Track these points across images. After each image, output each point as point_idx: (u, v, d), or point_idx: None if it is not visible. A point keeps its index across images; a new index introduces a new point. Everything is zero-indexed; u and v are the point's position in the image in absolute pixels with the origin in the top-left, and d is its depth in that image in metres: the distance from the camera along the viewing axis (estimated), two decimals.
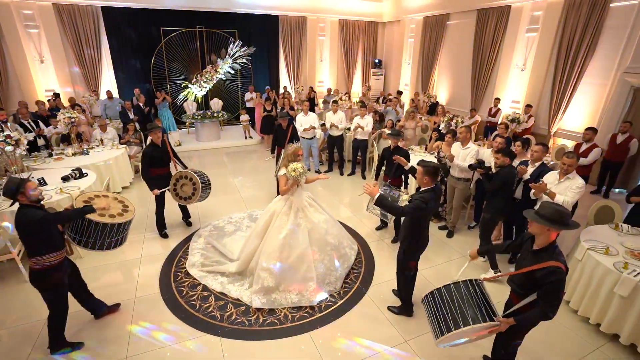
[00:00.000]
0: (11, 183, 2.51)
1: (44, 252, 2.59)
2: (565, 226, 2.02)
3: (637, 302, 2.80)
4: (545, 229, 2.04)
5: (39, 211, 2.58)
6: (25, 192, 2.51)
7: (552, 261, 2.00)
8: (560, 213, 2.03)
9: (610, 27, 6.28)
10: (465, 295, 2.16)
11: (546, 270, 1.99)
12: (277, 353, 2.94)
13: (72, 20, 9.09)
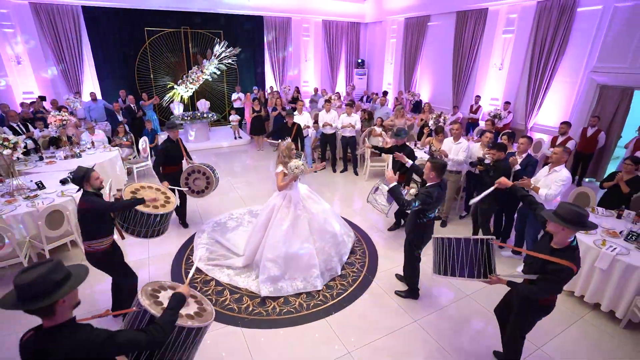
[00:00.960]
0: (79, 171, 2.73)
1: (98, 237, 2.81)
2: (582, 227, 2.06)
3: (614, 273, 3.19)
4: (560, 228, 2.10)
5: (100, 199, 2.81)
6: (90, 180, 2.71)
7: (567, 261, 2.08)
8: (576, 214, 2.05)
9: (578, 30, 6.84)
10: (472, 251, 2.40)
11: (559, 266, 2.09)
12: (297, 339, 3.12)
13: (50, 20, 8.81)
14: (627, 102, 6.39)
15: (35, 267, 1.41)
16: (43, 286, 1.37)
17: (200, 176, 4.54)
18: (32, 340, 1.43)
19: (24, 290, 1.36)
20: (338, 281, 3.87)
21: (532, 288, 2.22)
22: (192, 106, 10.85)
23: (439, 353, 2.99)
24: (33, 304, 1.36)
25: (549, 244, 2.22)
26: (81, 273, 1.53)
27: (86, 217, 2.77)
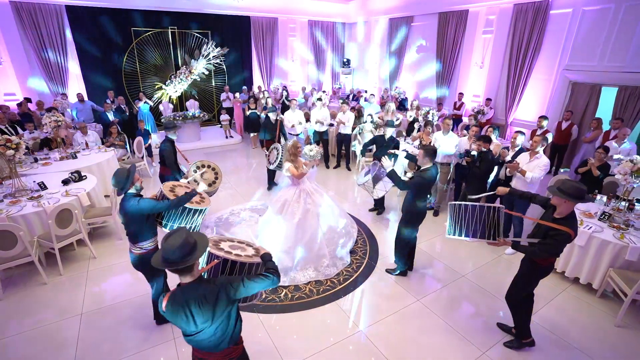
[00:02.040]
0: (122, 173, 2.69)
1: (146, 238, 2.82)
2: (581, 200, 2.45)
3: (591, 249, 3.59)
4: (563, 201, 2.47)
5: (149, 199, 2.78)
6: (133, 181, 2.72)
7: (566, 228, 2.45)
8: (577, 189, 2.42)
9: (551, 31, 7.36)
10: (485, 216, 2.77)
11: (559, 232, 2.47)
12: (311, 321, 3.34)
13: (32, 19, 8.61)
14: (596, 98, 6.96)
15: (173, 234, 1.70)
16: (186, 249, 1.67)
17: (208, 170, 4.67)
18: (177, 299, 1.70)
19: (174, 253, 1.65)
20: (343, 268, 4.12)
21: (534, 249, 2.59)
22: (181, 106, 10.83)
23: (442, 326, 3.29)
24: (185, 262, 1.65)
25: (552, 215, 2.58)
26: (204, 239, 1.81)
27: (137, 218, 2.71)
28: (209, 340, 1.78)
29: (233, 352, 1.90)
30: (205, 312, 1.70)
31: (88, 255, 4.40)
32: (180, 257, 1.65)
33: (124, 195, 2.75)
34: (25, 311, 3.46)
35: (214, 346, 1.82)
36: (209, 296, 1.70)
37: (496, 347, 3.06)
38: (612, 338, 3.19)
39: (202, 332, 1.74)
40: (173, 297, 1.70)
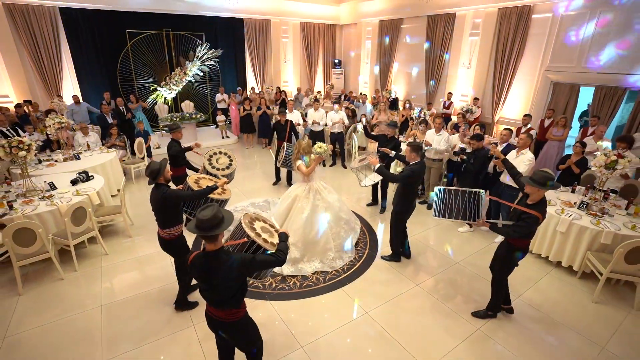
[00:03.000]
0: (155, 165, 2.95)
1: (175, 223, 3.10)
2: (550, 187, 2.82)
3: (571, 235, 3.96)
4: (535, 190, 2.83)
5: (177, 190, 3.08)
6: (164, 173, 2.97)
7: (536, 212, 2.82)
8: (545, 178, 2.80)
9: (534, 34, 7.80)
10: (467, 199, 3.12)
11: (530, 215, 2.83)
12: (321, 306, 3.61)
13: (26, 21, 8.59)
14: (575, 97, 7.42)
15: (207, 207, 2.07)
16: (215, 220, 2.03)
17: (221, 156, 4.86)
18: (201, 259, 2.08)
19: (205, 222, 2.00)
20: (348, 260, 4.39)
21: (508, 230, 2.95)
22: (176, 108, 10.92)
23: (439, 307, 3.61)
24: (209, 232, 2.00)
25: (525, 201, 2.95)
26: (230, 215, 2.12)
27: (166, 206, 3.01)
28: (215, 298, 2.13)
29: (234, 314, 2.20)
30: (216, 275, 2.04)
31: (100, 252, 4.56)
32: (209, 227, 2.01)
33: (154, 185, 3.02)
34: (47, 305, 3.61)
35: (217, 304, 2.16)
36: (224, 264, 2.04)
37: (488, 324, 3.38)
38: (591, 312, 3.56)
39: (211, 290, 2.10)
40: (197, 257, 2.10)
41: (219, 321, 2.20)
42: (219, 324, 2.22)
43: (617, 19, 6.49)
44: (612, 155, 3.91)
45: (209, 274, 2.05)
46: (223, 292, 2.09)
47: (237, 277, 2.09)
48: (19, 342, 3.14)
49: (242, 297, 2.23)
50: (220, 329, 2.25)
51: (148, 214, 5.59)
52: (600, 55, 6.79)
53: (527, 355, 3.03)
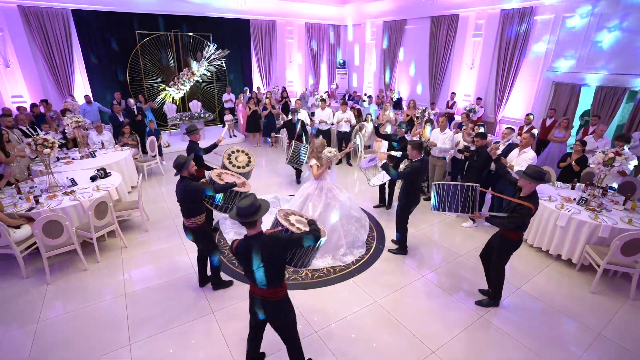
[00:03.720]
0: (181, 159, 3.21)
1: (198, 213, 3.36)
2: (541, 181, 3.03)
3: (570, 229, 4.14)
4: (527, 182, 3.04)
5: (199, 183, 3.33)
6: (188, 167, 3.23)
7: (529, 203, 3.02)
8: (537, 172, 3.02)
9: (536, 35, 7.97)
10: (464, 194, 3.34)
11: (523, 206, 3.03)
12: (332, 295, 3.81)
13: (40, 23, 8.83)
14: (576, 97, 7.59)
15: (247, 197, 2.32)
16: (254, 208, 2.27)
17: (240, 154, 5.06)
18: (244, 243, 2.31)
19: (245, 210, 2.24)
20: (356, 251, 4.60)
21: (503, 221, 3.14)
22: (184, 107, 11.15)
23: (444, 296, 3.80)
24: (249, 218, 2.24)
25: (519, 195, 3.15)
26: (267, 204, 2.34)
27: (191, 197, 3.30)
28: (259, 277, 2.34)
29: (277, 293, 2.42)
30: (260, 256, 2.27)
31: (119, 245, 4.78)
32: (248, 214, 2.24)
33: (179, 178, 3.30)
34: (73, 293, 3.83)
35: (261, 283, 2.36)
36: (265, 245, 2.27)
37: (490, 312, 3.57)
38: (588, 302, 3.75)
39: (255, 271, 2.32)
40: (240, 242, 2.34)
41: (263, 300, 2.41)
42: (262, 303, 2.43)
43: (618, 21, 6.65)
44: (609, 153, 4.09)
45: (251, 256, 2.28)
46: (267, 271, 2.31)
47: (278, 256, 2.32)
48: (53, 325, 3.36)
49: (283, 277, 2.45)
50: (262, 308, 2.45)
51: (162, 209, 5.85)
52: (601, 55, 6.96)
53: (526, 339, 3.22)
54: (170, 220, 5.52)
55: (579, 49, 7.27)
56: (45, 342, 3.16)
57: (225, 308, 3.61)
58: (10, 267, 4.23)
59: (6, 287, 3.92)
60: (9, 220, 3.91)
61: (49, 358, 3.00)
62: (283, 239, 2.34)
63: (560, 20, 7.46)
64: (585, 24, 7.09)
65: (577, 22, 7.21)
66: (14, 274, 4.12)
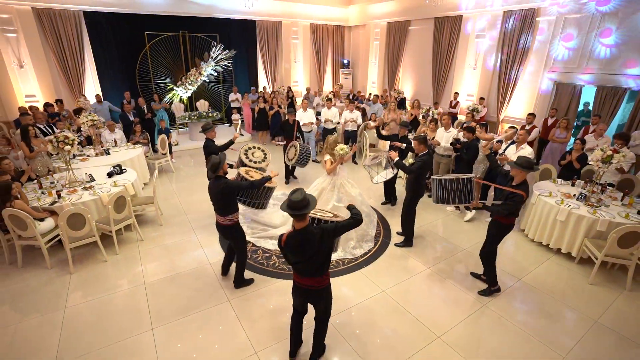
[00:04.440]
0: (215, 160, 3.32)
1: (233, 210, 3.51)
2: (531, 169, 3.33)
3: (570, 223, 4.31)
4: (518, 172, 3.34)
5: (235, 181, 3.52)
6: (223, 167, 3.38)
7: (521, 191, 3.30)
8: (528, 162, 3.35)
9: (538, 36, 8.12)
10: (460, 186, 3.57)
11: (516, 194, 3.31)
12: (342, 285, 3.99)
13: (52, 24, 9.06)
14: (578, 97, 7.74)
15: (297, 191, 2.45)
16: (305, 202, 2.40)
17: (256, 150, 5.32)
18: (294, 236, 2.45)
19: (297, 203, 2.37)
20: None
21: (498, 208, 3.40)
22: (191, 107, 11.37)
23: (449, 286, 3.99)
24: (302, 211, 2.38)
25: (511, 184, 3.41)
26: (314, 199, 2.48)
27: (229, 194, 3.44)
28: (308, 268, 2.53)
29: (323, 281, 2.64)
30: (309, 247, 2.44)
31: (135, 238, 4.98)
32: (300, 207, 2.38)
33: (214, 177, 3.41)
34: (95, 282, 4.04)
35: (310, 274, 2.56)
36: (313, 237, 2.43)
37: (493, 301, 3.75)
38: (587, 293, 3.92)
39: (305, 262, 2.50)
40: (290, 236, 2.46)
41: (310, 289, 2.62)
42: (308, 292, 2.65)
43: (618, 22, 6.80)
44: (608, 151, 4.25)
45: (302, 248, 2.43)
46: (315, 261, 2.49)
47: (326, 246, 2.49)
48: (79, 311, 3.56)
49: (329, 266, 2.65)
50: (309, 297, 2.68)
51: (174, 205, 6.06)
52: (602, 56, 7.10)
53: (527, 326, 3.40)
54: (182, 215, 5.72)
55: (580, 49, 7.42)
56: (74, 327, 3.37)
57: (241, 296, 3.81)
58: (34, 258, 4.45)
59: (32, 276, 4.13)
60: (34, 213, 4.12)
61: (78, 341, 3.20)
62: (330, 228, 2.49)
63: (562, 22, 7.61)
64: (587, 25, 7.23)
65: (579, 22, 7.36)
66: (38, 264, 4.33)
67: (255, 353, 3.08)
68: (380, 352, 3.11)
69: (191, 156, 9.09)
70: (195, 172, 7.94)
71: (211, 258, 4.52)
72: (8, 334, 3.29)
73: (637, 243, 3.71)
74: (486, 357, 3.07)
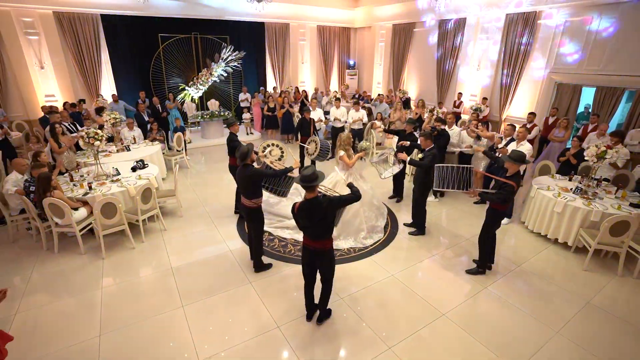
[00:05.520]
0: (244, 149, 3.70)
1: (259, 195, 3.90)
2: (523, 162, 3.71)
3: (566, 214, 4.62)
4: (511, 164, 3.70)
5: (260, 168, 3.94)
6: (252, 156, 3.74)
7: (512, 182, 3.67)
8: (520, 156, 3.72)
9: (539, 38, 8.41)
10: (460, 174, 3.95)
11: (508, 185, 3.68)
12: (354, 270, 4.32)
13: (72, 27, 9.46)
14: (578, 97, 8.02)
15: (308, 168, 2.89)
16: (315, 176, 2.90)
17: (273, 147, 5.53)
18: (305, 204, 2.95)
19: (308, 177, 2.87)
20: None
21: (492, 197, 3.77)
22: (202, 106, 11.74)
23: (454, 270, 4.31)
24: (312, 183, 2.87)
25: (505, 175, 3.78)
26: (322, 175, 2.93)
27: (256, 181, 3.84)
28: (315, 232, 3.05)
29: (327, 244, 3.14)
30: (317, 214, 2.94)
31: (159, 228, 5.34)
32: (310, 180, 2.88)
33: (242, 165, 3.78)
34: (126, 266, 4.40)
35: (316, 237, 3.07)
36: (320, 205, 2.94)
37: (494, 285, 4.06)
38: (581, 278, 4.22)
39: (313, 227, 3.02)
40: (302, 203, 2.98)
41: (315, 250, 3.11)
42: (314, 253, 3.13)
43: (617, 24, 7.06)
44: (602, 147, 4.55)
45: (311, 214, 2.94)
46: (321, 225, 3.00)
47: (330, 214, 2.98)
48: (115, 291, 3.92)
49: (332, 231, 3.15)
50: (316, 258, 3.16)
51: (191, 199, 6.43)
52: (600, 58, 7.38)
53: (525, 306, 3.71)
54: (201, 207, 6.07)
55: (580, 51, 7.70)
56: (112, 304, 3.72)
57: (262, 279, 4.15)
58: (67, 245, 4.82)
59: (67, 261, 4.49)
60: (70, 203, 4.48)
61: (118, 316, 3.55)
62: (335, 199, 3.02)
63: (563, 24, 7.89)
64: (587, 26, 7.51)
65: (579, 25, 7.64)
66: (73, 250, 4.69)
67: (277, 327, 3.42)
68: (390, 326, 3.43)
69: (202, 154, 9.45)
70: (208, 168, 8.30)
71: (231, 246, 4.86)
72: (53, 309, 3.65)
73: (628, 232, 4.01)
74: (486, 332, 3.38)
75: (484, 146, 5.86)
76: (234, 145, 5.29)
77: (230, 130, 5.34)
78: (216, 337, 3.30)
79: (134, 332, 3.35)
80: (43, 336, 3.31)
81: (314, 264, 3.23)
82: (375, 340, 3.27)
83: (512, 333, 3.38)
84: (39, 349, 3.15)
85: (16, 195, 4.56)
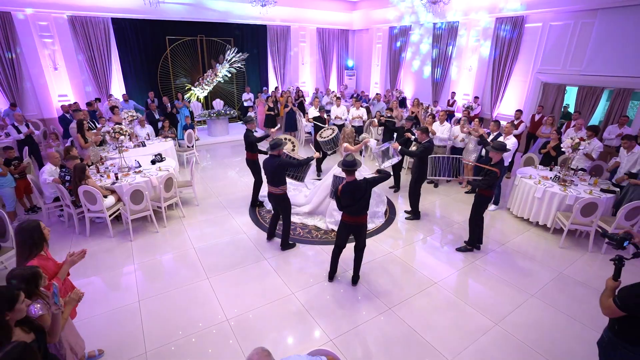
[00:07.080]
0: (278, 141, 4.25)
1: (284, 182, 4.42)
2: (504, 151, 4.27)
3: (545, 199, 5.19)
4: (495, 154, 4.26)
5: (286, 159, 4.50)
6: (281, 148, 4.27)
7: (495, 169, 4.21)
8: (501, 145, 4.29)
9: (526, 41, 9.00)
10: (451, 164, 4.59)
11: (491, 171, 4.22)
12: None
13: (84, 30, 9.93)
14: (562, 96, 8.62)
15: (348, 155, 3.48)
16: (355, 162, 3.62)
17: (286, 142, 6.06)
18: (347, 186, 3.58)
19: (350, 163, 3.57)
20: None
21: (478, 183, 4.31)
22: (208, 105, 12.24)
23: (446, 250, 4.86)
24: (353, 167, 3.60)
25: (489, 163, 4.31)
26: (360, 162, 3.52)
27: (282, 169, 4.38)
28: (356, 209, 3.65)
29: (364, 219, 3.82)
30: (357, 193, 3.56)
31: (178, 215, 5.85)
32: (351, 165, 3.57)
33: (269, 156, 4.35)
34: (152, 248, 4.90)
35: (357, 213, 3.68)
36: (360, 186, 3.58)
37: (481, 259, 4.62)
38: (557, 254, 4.79)
39: (354, 205, 3.63)
40: (344, 185, 3.57)
41: (355, 225, 3.77)
42: (353, 227, 3.79)
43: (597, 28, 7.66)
44: (576, 139, 5.13)
45: (353, 194, 3.55)
46: (360, 203, 3.64)
47: (369, 192, 3.64)
48: (146, 267, 4.43)
49: (367, 208, 3.78)
50: (354, 230, 3.82)
51: (204, 190, 6.93)
52: (582, 59, 7.98)
53: (506, 276, 4.27)
54: (214, 197, 6.58)
55: (563, 52, 8.29)
56: (145, 277, 4.24)
57: (275, 257, 4.67)
58: (97, 229, 5.32)
59: (98, 243, 4.99)
60: (102, 191, 4.98)
61: (153, 286, 4.06)
62: (371, 179, 3.68)
63: (548, 28, 8.49)
64: (569, 31, 8.11)
65: (563, 29, 8.24)
66: (102, 234, 5.20)
67: (292, 293, 3.95)
68: (390, 291, 3.97)
69: (207, 150, 9.94)
70: (214, 163, 8.81)
71: (246, 230, 5.38)
72: (97, 281, 4.16)
73: (596, 212, 4.58)
74: (473, 296, 3.93)
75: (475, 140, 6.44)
76: (250, 140, 5.76)
77: (247, 127, 5.83)
78: (240, 301, 3.82)
79: (168, 299, 3.86)
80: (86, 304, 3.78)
81: (350, 234, 3.88)
82: (378, 303, 3.81)
83: (495, 297, 3.93)
84: (86, 312, 3.64)
85: (52, 184, 5.06)
